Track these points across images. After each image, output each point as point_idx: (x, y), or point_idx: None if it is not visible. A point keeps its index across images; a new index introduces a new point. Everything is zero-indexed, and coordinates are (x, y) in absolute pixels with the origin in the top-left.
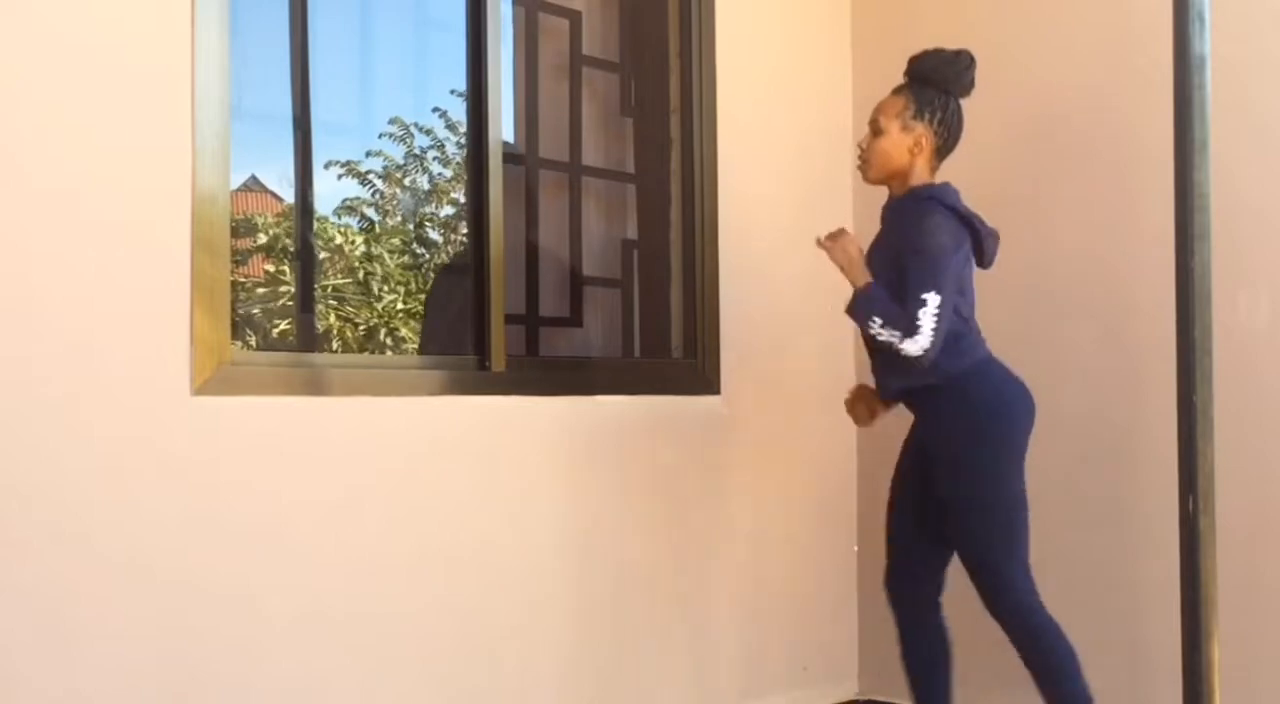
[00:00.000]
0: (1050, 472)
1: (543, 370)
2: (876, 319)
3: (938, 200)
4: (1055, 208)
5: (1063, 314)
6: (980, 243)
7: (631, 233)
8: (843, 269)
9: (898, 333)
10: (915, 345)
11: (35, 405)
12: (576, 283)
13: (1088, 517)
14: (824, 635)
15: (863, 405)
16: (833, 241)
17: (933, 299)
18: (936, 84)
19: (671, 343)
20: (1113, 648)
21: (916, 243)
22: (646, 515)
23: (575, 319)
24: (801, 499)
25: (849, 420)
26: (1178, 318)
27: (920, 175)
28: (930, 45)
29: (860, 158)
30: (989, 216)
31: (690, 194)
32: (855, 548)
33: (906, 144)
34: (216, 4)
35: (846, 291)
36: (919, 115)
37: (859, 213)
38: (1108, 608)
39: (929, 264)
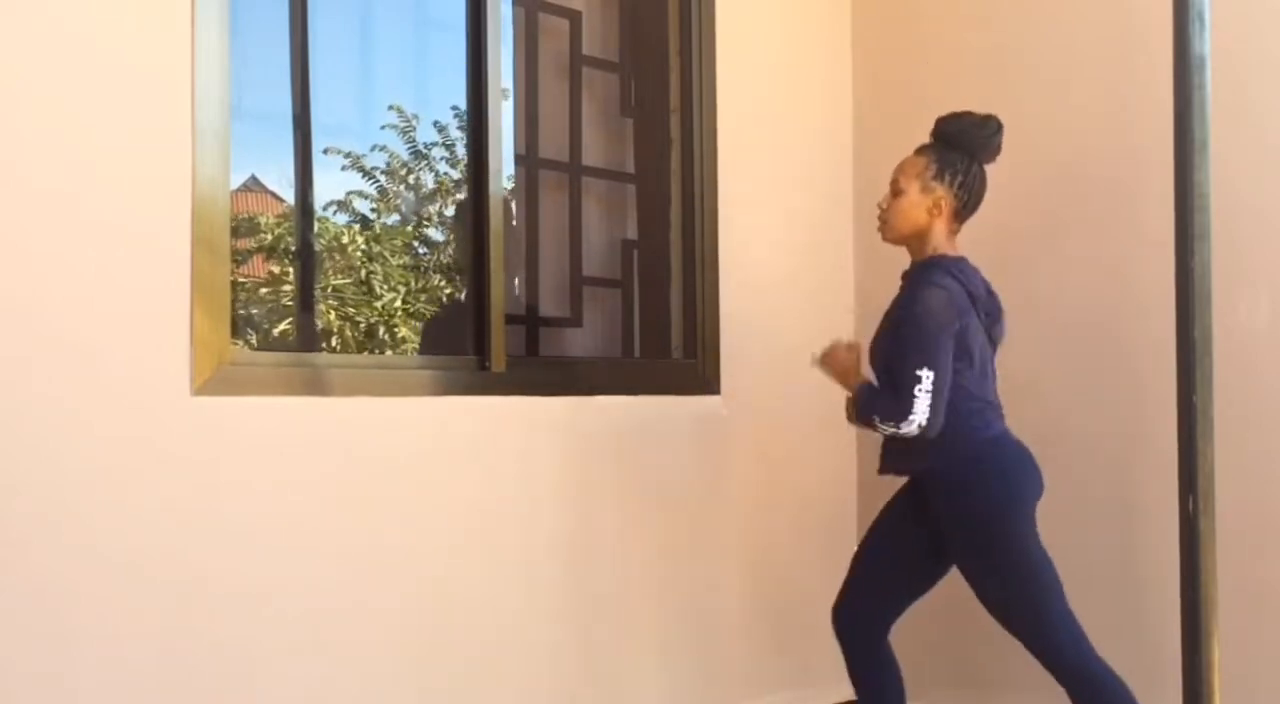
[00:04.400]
0: (1051, 472)
1: (543, 370)
2: (875, 418)
3: (945, 271)
4: (1056, 208)
5: (1063, 314)
6: (984, 319)
7: (631, 233)
8: (838, 380)
9: (891, 421)
10: (911, 425)
11: (35, 405)
12: (576, 283)
13: (1088, 517)
14: (824, 635)
15: (838, 356)
16: (827, 357)
17: (925, 376)
18: (961, 147)
19: (671, 343)
20: (1113, 648)
21: (910, 314)
22: (646, 515)
23: (575, 319)
24: (801, 499)
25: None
26: (1178, 318)
27: (938, 237)
28: (929, 46)
29: (879, 218)
30: (989, 215)
31: (690, 194)
32: (855, 548)
33: (925, 205)
34: (216, 4)
35: (846, 291)
36: (939, 177)
37: (859, 212)
38: (1108, 608)
39: (921, 337)
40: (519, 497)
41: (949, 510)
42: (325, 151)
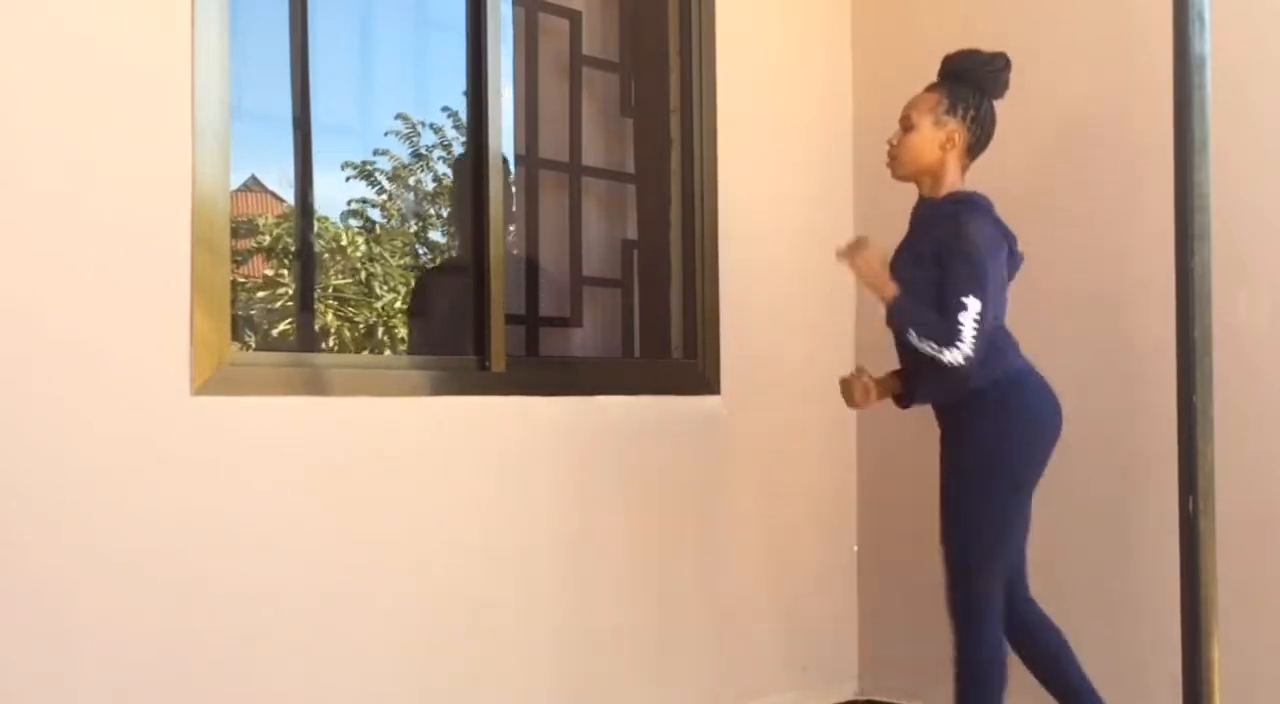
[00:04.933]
0: (1051, 472)
1: (543, 370)
2: (918, 332)
3: (981, 207)
4: (1056, 207)
5: (1063, 314)
6: (1011, 256)
7: (631, 233)
8: (865, 280)
9: (935, 342)
10: (956, 353)
11: (35, 405)
12: (576, 283)
13: (1088, 516)
14: (824, 635)
15: (860, 386)
16: (854, 252)
17: (973, 304)
18: (971, 82)
19: (671, 343)
20: (1113, 648)
21: (960, 246)
22: (646, 515)
23: (575, 319)
24: (801, 499)
25: (849, 420)
26: (1178, 318)
27: (951, 173)
28: (929, 46)
29: (889, 154)
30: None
31: (690, 194)
32: (855, 548)
33: (938, 140)
34: (216, 4)
35: (846, 291)
36: (952, 111)
37: (859, 212)
38: (1108, 608)
39: (974, 268)
40: (519, 496)
41: (966, 440)
42: (342, 167)
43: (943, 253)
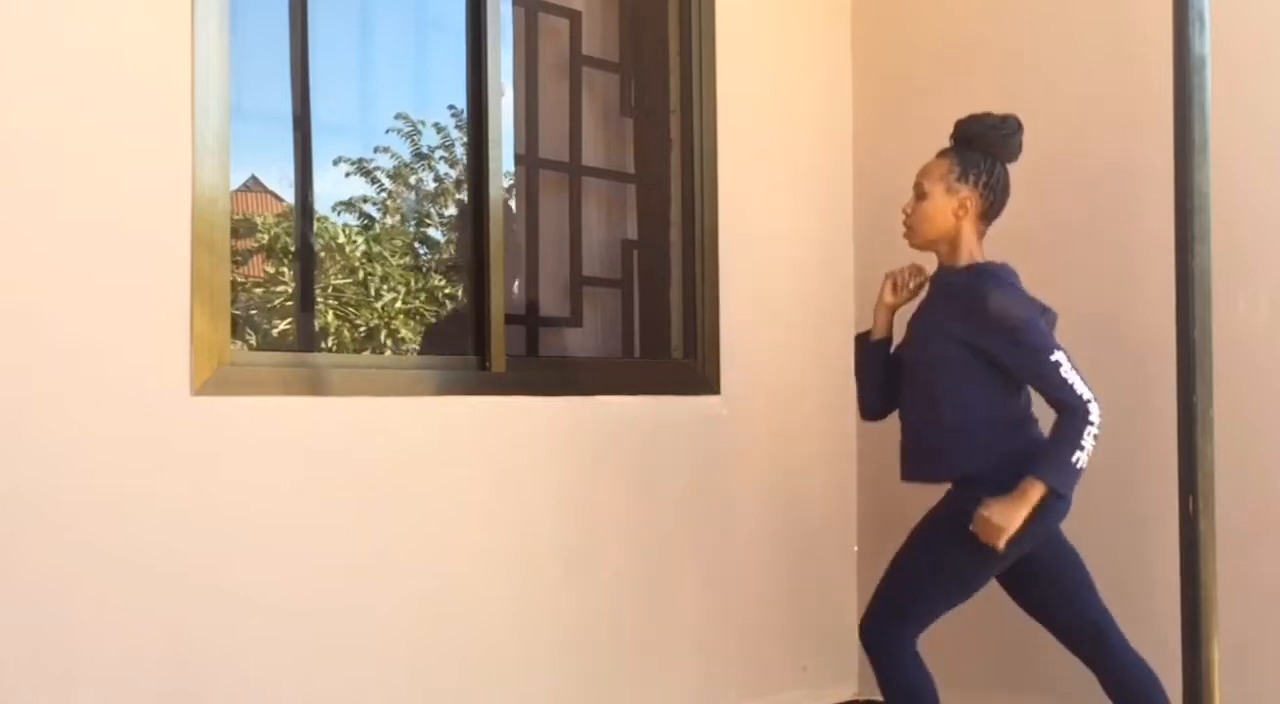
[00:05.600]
0: None
1: (543, 370)
2: (1079, 452)
3: (1000, 278)
4: (1057, 206)
5: (1062, 314)
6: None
7: (631, 233)
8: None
9: (1081, 434)
10: (1092, 406)
11: (35, 405)
12: (576, 283)
13: (1088, 517)
14: (824, 635)
15: (901, 278)
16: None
17: (1061, 357)
18: (982, 148)
19: (671, 343)
20: None
21: (1013, 322)
22: (646, 515)
23: (575, 319)
24: (802, 499)
25: (849, 421)
26: (1178, 318)
27: (967, 240)
28: (929, 45)
29: (905, 223)
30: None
31: (690, 194)
32: (855, 548)
33: (951, 207)
34: (216, 4)
35: (846, 291)
36: (963, 178)
37: (859, 212)
38: (1108, 608)
39: (1031, 332)
40: (519, 496)
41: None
42: (336, 162)
43: (979, 340)
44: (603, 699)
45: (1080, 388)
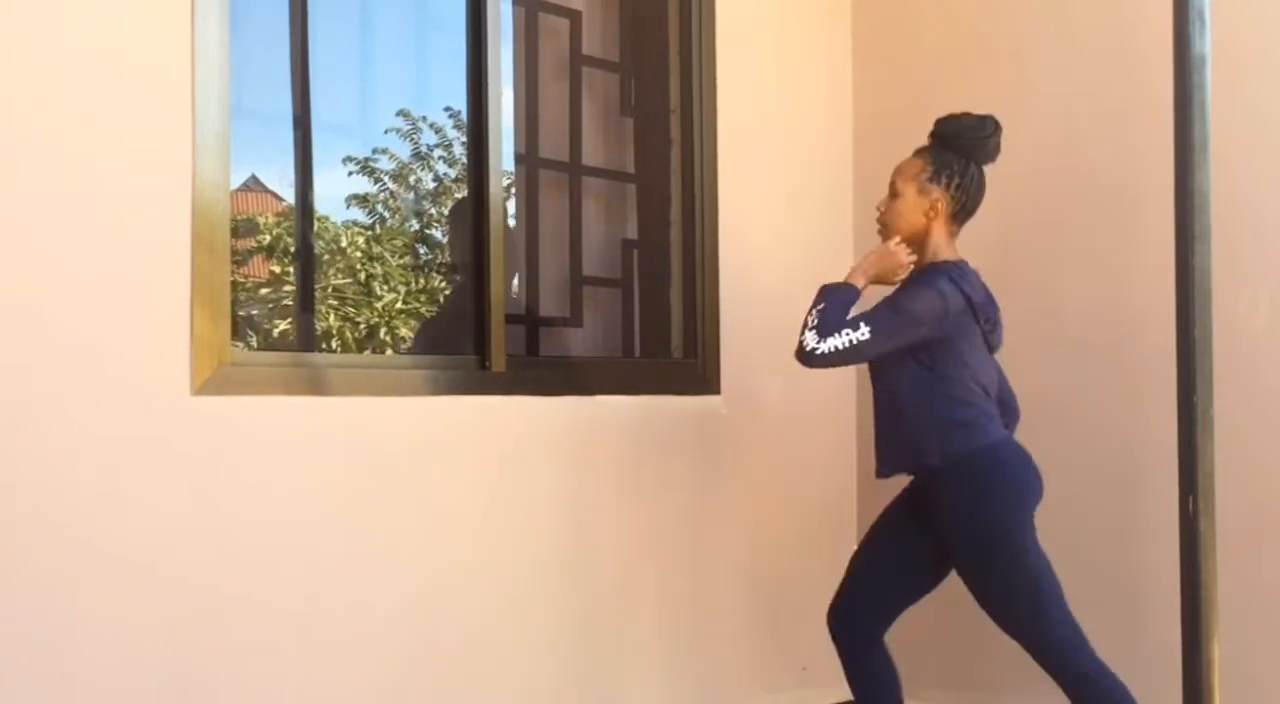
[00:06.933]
0: (1051, 472)
1: (543, 370)
2: (814, 311)
3: (946, 276)
4: (1056, 206)
5: (1062, 314)
6: (984, 326)
7: (631, 233)
8: (861, 265)
9: (811, 328)
10: (808, 341)
11: (35, 405)
12: (576, 283)
13: (1088, 517)
14: (824, 635)
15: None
16: (882, 247)
17: (863, 331)
18: (958, 149)
19: (671, 343)
20: (1113, 648)
21: (898, 297)
22: (646, 515)
23: (575, 319)
24: (801, 499)
25: (849, 420)
26: (1178, 318)
27: (937, 240)
28: (929, 44)
29: (878, 220)
30: (988, 214)
31: (690, 194)
32: (855, 548)
33: (922, 207)
34: (216, 4)
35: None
36: (935, 179)
37: (859, 212)
38: (1108, 608)
39: (891, 316)
40: (519, 496)
41: (951, 516)
42: (344, 161)
43: (892, 297)
44: (602, 699)
45: (830, 342)
